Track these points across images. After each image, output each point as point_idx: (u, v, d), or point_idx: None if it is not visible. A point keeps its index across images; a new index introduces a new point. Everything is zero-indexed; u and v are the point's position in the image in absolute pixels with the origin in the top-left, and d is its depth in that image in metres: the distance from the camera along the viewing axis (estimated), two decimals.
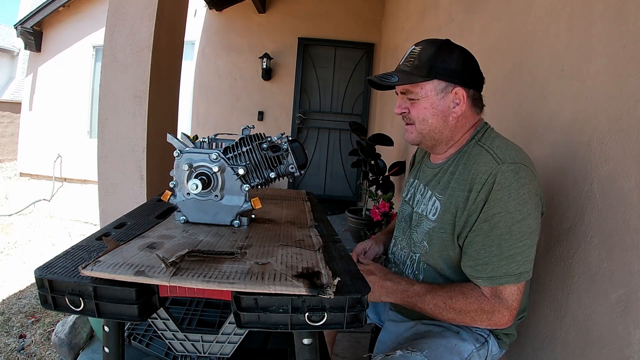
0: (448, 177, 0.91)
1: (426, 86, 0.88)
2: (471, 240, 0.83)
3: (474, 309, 0.82)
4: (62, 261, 0.64)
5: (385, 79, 0.90)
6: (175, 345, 0.73)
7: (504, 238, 0.79)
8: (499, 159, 0.81)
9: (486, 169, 0.81)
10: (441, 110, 0.89)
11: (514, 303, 0.81)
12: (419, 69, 0.87)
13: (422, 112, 0.89)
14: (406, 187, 1.11)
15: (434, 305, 0.85)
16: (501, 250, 0.79)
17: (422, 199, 0.98)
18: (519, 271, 0.79)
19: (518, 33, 1.36)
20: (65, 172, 5.37)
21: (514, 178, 0.78)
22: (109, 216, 1.83)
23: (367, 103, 4.73)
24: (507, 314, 0.81)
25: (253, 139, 0.87)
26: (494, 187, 0.79)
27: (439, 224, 0.89)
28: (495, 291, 0.81)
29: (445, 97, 0.88)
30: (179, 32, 2.14)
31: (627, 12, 0.84)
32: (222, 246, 0.73)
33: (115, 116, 1.83)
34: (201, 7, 4.70)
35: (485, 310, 0.81)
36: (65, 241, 3.73)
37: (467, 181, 0.85)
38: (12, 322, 2.19)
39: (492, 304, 0.81)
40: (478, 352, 0.88)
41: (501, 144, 0.86)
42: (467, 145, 0.91)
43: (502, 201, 0.79)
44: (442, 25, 2.30)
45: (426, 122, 0.90)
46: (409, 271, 0.99)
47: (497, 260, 0.79)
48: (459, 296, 0.83)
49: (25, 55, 6.17)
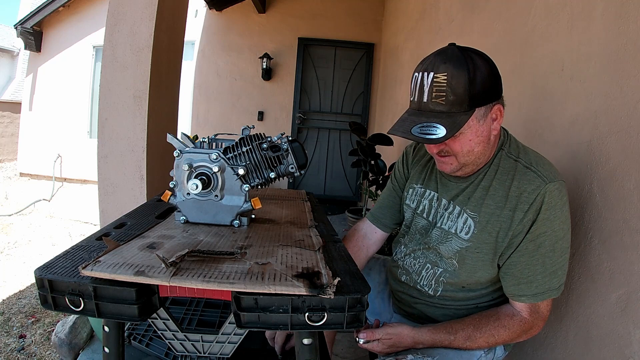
0: (480, 192, 0.86)
1: (469, 119, 0.77)
2: (515, 261, 0.83)
3: (517, 334, 0.84)
4: (62, 261, 0.64)
5: (427, 133, 0.76)
6: (175, 345, 0.73)
7: (548, 256, 0.79)
8: (544, 177, 0.79)
9: (533, 188, 0.79)
10: (485, 135, 0.81)
11: (548, 313, 0.84)
12: (458, 105, 0.75)
13: (467, 144, 0.80)
14: (415, 196, 1.02)
15: (478, 347, 0.85)
16: (545, 268, 0.80)
17: (449, 215, 0.91)
18: (559, 284, 0.81)
19: (518, 33, 1.36)
20: (65, 172, 5.37)
21: (559, 197, 0.78)
22: (109, 216, 1.83)
23: (367, 103, 4.73)
24: (542, 324, 0.84)
25: (253, 139, 0.87)
26: (542, 207, 0.78)
27: (475, 243, 0.85)
28: (535, 307, 0.83)
29: (486, 120, 0.79)
30: (179, 32, 2.14)
31: (627, 12, 0.84)
32: (222, 246, 0.73)
33: (115, 116, 1.83)
34: (201, 7, 4.70)
35: (525, 330, 0.83)
36: (65, 241, 3.73)
37: (506, 198, 0.82)
38: (12, 322, 2.19)
39: (532, 321, 0.83)
40: (486, 356, 0.90)
41: (536, 157, 0.84)
42: (497, 157, 0.86)
43: (549, 221, 0.78)
44: (442, 25, 2.30)
45: (472, 152, 0.82)
46: (424, 282, 0.95)
47: (541, 277, 0.80)
48: (501, 330, 0.83)
49: (25, 55, 6.17)
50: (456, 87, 0.74)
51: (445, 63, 0.75)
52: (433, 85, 0.76)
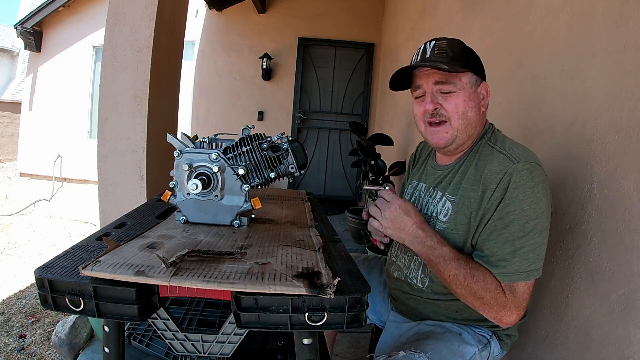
0: (459, 177, 0.91)
1: (464, 78, 0.87)
2: (485, 239, 0.83)
3: (489, 297, 0.80)
4: (62, 261, 0.64)
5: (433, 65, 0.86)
6: (175, 345, 0.73)
7: (517, 236, 0.79)
8: (513, 158, 0.82)
9: (501, 168, 0.82)
10: (476, 103, 0.89)
11: (524, 302, 0.80)
12: (456, 61, 0.86)
13: (462, 104, 0.87)
14: (408, 189, 1.08)
15: (453, 276, 0.82)
16: (515, 248, 0.79)
17: (432, 201, 0.96)
18: (530, 269, 0.79)
19: (518, 33, 1.36)
20: (65, 172, 5.37)
21: (529, 177, 0.79)
22: (109, 216, 1.83)
23: (367, 103, 4.73)
24: (515, 314, 0.80)
25: (253, 139, 0.87)
26: (509, 185, 0.79)
27: (451, 224, 0.88)
28: (511, 287, 0.80)
29: (476, 90, 0.89)
30: (179, 32, 2.14)
31: (627, 12, 0.84)
32: (222, 246, 0.73)
33: (115, 116, 1.83)
34: (201, 7, 4.70)
35: (499, 303, 0.80)
36: (65, 241, 3.73)
37: (479, 182, 0.85)
38: (12, 322, 2.19)
39: (506, 298, 0.80)
40: (480, 354, 0.88)
41: (512, 144, 0.87)
42: (477, 145, 0.91)
43: (517, 199, 0.79)
44: (442, 25, 2.30)
45: (465, 115, 0.88)
46: (413, 275, 0.97)
47: (511, 257, 0.79)
48: (481, 279, 0.81)
49: (25, 55, 6.17)
50: (454, 48, 0.88)
51: (446, 38, 0.91)
52: (435, 47, 0.89)
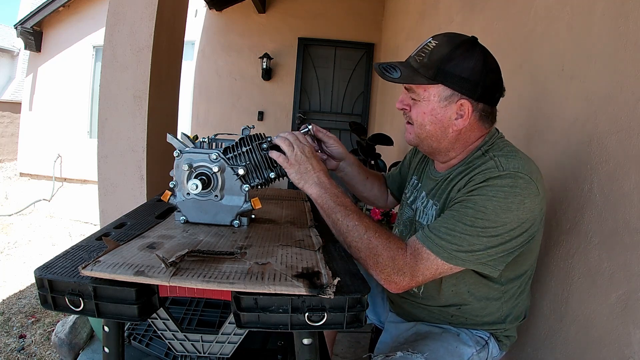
0: (446, 185, 0.86)
1: (430, 89, 0.80)
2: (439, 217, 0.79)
3: (386, 256, 0.75)
4: (62, 261, 0.64)
5: (387, 71, 0.81)
6: (175, 345, 0.73)
7: (464, 221, 0.73)
8: (501, 167, 0.75)
9: (484, 169, 0.77)
10: (440, 119, 0.81)
11: (421, 276, 0.74)
12: (426, 68, 0.79)
13: (421, 116, 0.82)
14: (408, 187, 1.05)
15: (353, 226, 0.77)
16: (454, 228, 0.73)
17: (424, 209, 0.93)
18: (454, 253, 0.72)
19: (518, 33, 1.36)
20: (65, 172, 5.37)
21: (509, 185, 0.72)
22: (109, 216, 1.83)
23: (367, 103, 4.73)
24: (407, 281, 0.74)
25: (253, 139, 0.87)
26: (483, 182, 0.74)
27: None
28: (417, 251, 0.75)
29: (448, 106, 0.80)
30: (179, 32, 2.14)
31: (627, 12, 0.84)
32: (222, 246, 0.73)
33: (115, 116, 1.83)
34: (201, 7, 4.70)
35: (395, 264, 0.74)
36: (65, 241, 3.73)
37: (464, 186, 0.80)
38: (12, 322, 2.19)
39: (404, 261, 0.74)
40: (478, 355, 0.87)
41: (509, 153, 0.79)
42: (472, 156, 0.84)
43: (484, 196, 0.73)
44: (442, 25, 2.30)
45: (424, 127, 0.83)
46: None
47: (444, 233, 0.73)
48: (382, 237, 0.76)
49: (25, 55, 6.17)
50: (434, 54, 0.79)
51: (447, 36, 0.81)
52: (424, 46, 0.82)
